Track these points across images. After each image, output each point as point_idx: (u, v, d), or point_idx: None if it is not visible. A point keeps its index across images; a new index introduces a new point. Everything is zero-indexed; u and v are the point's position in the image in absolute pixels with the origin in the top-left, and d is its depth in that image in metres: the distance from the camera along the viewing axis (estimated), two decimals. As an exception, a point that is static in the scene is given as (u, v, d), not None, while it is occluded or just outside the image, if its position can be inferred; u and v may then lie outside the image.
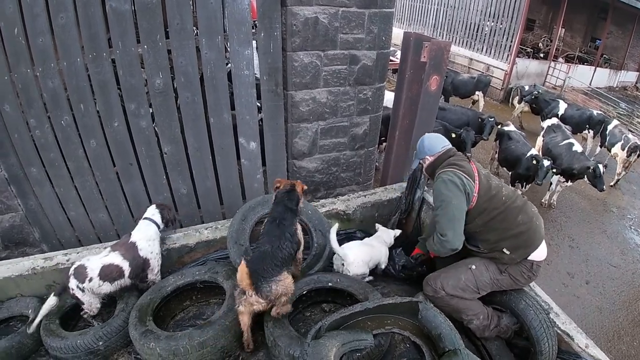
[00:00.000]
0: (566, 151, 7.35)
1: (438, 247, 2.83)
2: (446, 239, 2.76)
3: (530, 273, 2.87)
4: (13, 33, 3.17)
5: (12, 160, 3.62)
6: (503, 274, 2.87)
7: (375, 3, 3.72)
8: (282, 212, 2.87)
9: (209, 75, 3.58)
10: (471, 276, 2.88)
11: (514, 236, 2.78)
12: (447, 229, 2.76)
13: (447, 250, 2.79)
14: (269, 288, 2.57)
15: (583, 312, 5.43)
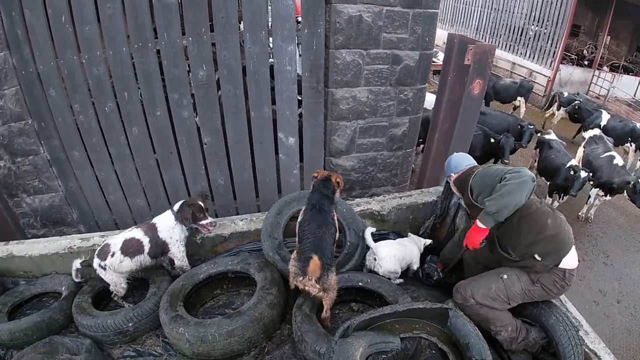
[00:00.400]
0: (607, 164, 7.11)
1: (514, 180, 2.62)
2: (522, 169, 2.68)
3: (563, 282, 2.78)
4: (60, 20, 3.28)
5: (55, 142, 3.75)
6: (535, 285, 2.79)
7: (419, 3, 3.68)
8: (320, 199, 3.00)
9: (252, 70, 3.61)
10: (502, 286, 2.81)
11: (545, 240, 2.71)
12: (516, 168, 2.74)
13: (525, 180, 2.61)
14: (327, 277, 2.72)
15: (612, 332, 5.25)
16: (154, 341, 3.05)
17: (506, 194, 2.61)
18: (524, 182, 2.60)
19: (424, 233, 3.98)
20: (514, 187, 2.61)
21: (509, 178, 2.64)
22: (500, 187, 2.64)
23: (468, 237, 2.86)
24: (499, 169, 2.86)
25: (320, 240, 2.78)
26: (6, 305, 3.24)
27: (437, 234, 3.95)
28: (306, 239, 2.82)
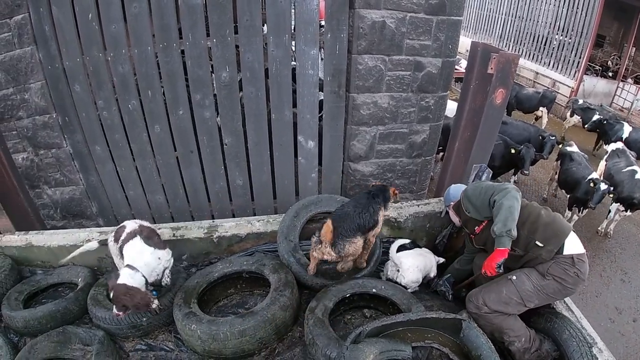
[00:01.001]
0: (628, 178, 6.97)
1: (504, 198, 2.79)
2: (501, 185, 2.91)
3: (575, 269, 2.74)
4: (87, 18, 3.34)
5: (78, 137, 3.82)
6: (547, 278, 2.76)
7: (443, 10, 3.66)
8: (377, 193, 3.28)
9: (274, 73, 3.63)
10: (513, 287, 2.80)
11: (542, 226, 2.80)
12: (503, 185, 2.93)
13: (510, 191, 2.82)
14: (343, 246, 3.01)
15: (626, 351, 5.14)
16: (166, 336, 3.11)
17: (506, 209, 2.72)
18: (513, 195, 2.79)
19: (440, 242, 3.97)
20: (509, 202, 2.75)
21: (499, 198, 2.81)
22: (498, 209, 2.77)
23: (487, 265, 2.82)
24: (486, 185, 3.08)
25: (346, 214, 3.07)
26: (22, 294, 3.34)
27: (454, 244, 3.93)
28: (336, 211, 3.18)
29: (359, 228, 3.06)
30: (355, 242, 3.06)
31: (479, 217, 3.04)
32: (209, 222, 3.79)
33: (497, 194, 2.84)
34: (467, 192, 3.13)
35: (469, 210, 3.06)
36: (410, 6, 3.56)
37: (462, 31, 9.92)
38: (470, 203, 3.05)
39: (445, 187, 4.37)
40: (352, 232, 3.03)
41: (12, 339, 3.13)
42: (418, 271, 3.41)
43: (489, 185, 3.06)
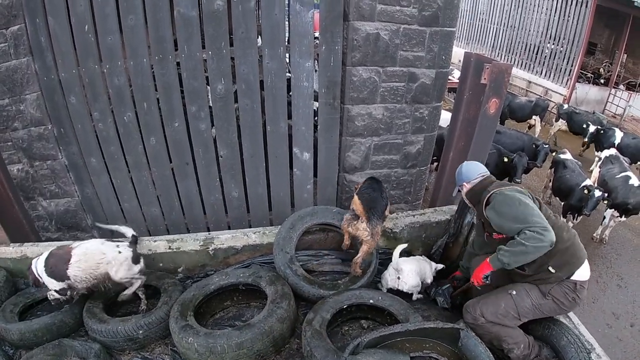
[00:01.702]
0: (622, 184, 7.02)
1: (532, 242, 2.51)
2: (546, 229, 2.52)
3: (574, 295, 2.77)
4: (83, 29, 3.35)
5: (74, 149, 3.82)
6: (546, 298, 2.77)
7: (436, 21, 3.70)
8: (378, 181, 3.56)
9: (269, 85, 3.65)
10: (511, 302, 2.80)
11: (561, 252, 2.71)
12: (541, 220, 2.57)
13: (545, 245, 2.52)
14: (375, 223, 3.30)
15: (624, 356, 5.15)
16: (162, 349, 3.09)
17: (522, 254, 2.58)
18: (543, 248, 2.54)
19: (436, 252, 3.98)
20: (532, 250, 2.55)
21: (529, 237, 2.53)
22: (519, 244, 2.56)
23: (475, 273, 2.89)
24: (519, 211, 2.65)
25: (372, 197, 3.36)
26: (17, 306, 3.31)
27: (450, 253, 3.94)
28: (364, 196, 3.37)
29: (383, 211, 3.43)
30: (380, 224, 3.37)
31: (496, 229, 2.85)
32: (205, 235, 3.78)
33: (531, 230, 2.54)
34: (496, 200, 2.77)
35: (491, 218, 2.81)
36: (404, 18, 3.60)
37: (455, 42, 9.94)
38: (495, 214, 2.77)
39: (440, 198, 4.40)
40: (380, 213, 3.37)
41: (7, 351, 3.10)
42: (416, 275, 3.48)
43: (523, 209, 2.65)
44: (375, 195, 3.38)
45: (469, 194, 3.10)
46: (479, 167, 3.15)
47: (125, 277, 3.15)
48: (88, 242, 3.17)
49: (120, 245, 3.20)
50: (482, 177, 3.07)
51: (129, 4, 3.27)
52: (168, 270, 3.64)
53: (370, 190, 3.41)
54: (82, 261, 3.03)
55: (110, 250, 3.12)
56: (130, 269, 3.16)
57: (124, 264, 3.12)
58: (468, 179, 3.10)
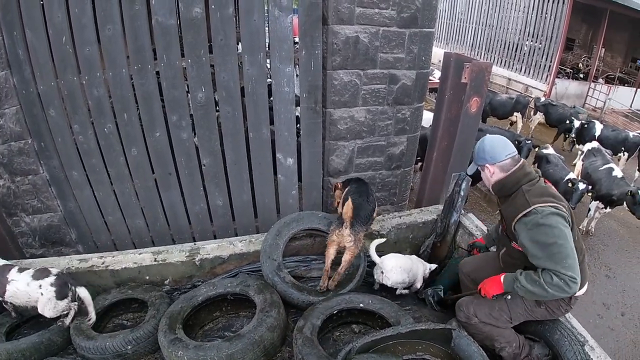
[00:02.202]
0: (606, 176, 7.13)
1: (555, 290, 2.31)
2: (574, 281, 2.27)
3: (568, 306, 2.74)
4: (61, 41, 3.30)
5: (55, 162, 3.75)
6: (541, 307, 2.73)
7: (415, 23, 3.71)
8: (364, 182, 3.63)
9: (250, 91, 3.63)
10: (505, 306, 2.77)
11: None
12: (574, 267, 2.30)
13: (565, 294, 2.34)
14: (358, 230, 3.27)
15: (617, 345, 5.23)
16: (153, 364, 3.04)
17: (539, 296, 2.43)
18: (564, 292, 2.32)
19: (424, 252, 3.98)
20: (551, 297, 2.39)
21: (555, 285, 2.30)
22: (540, 287, 2.34)
23: (486, 287, 2.72)
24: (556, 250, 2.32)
25: (360, 204, 3.35)
26: (4, 326, 3.23)
27: (438, 253, 3.96)
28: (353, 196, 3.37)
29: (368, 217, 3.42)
30: (363, 232, 3.37)
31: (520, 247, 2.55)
32: (191, 245, 3.74)
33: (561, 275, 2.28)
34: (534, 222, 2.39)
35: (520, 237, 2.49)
36: (383, 20, 3.60)
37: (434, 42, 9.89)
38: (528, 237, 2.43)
39: (425, 198, 4.41)
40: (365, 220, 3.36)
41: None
42: (402, 271, 3.47)
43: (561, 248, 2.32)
44: (361, 200, 3.38)
45: (497, 185, 2.67)
46: (507, 145, 2.64)
47: (54, 315, 3.08)
48: (18, 281, 3.05)
49: (42, 285, 3.04)
50: (512, 159, 2.61)
51: (106, 13, 3.23)
52: (154, 283, 3.59)
53: (357, 196, 3.40)
54: (14, 297, 3.07)
55: (33, 291, 3.03)
56: (55, 306, 3.06)
57: (47, 304, 3.03)
58: (494, 160, 2.61)
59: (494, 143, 2.64)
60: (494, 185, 2.69)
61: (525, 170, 2.60)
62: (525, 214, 2.43)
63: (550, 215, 2.36)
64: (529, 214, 2.41)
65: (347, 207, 3.30)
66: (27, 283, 3.03)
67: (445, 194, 3.98)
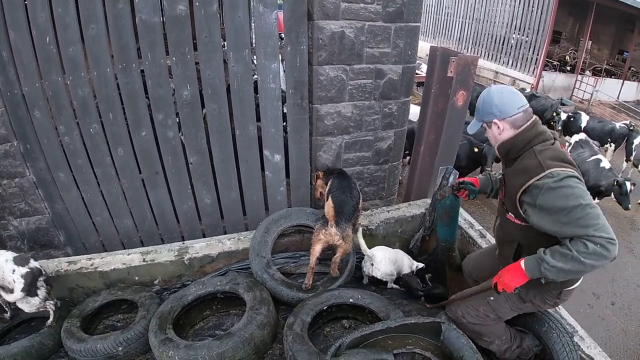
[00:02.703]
0: (594, 167, 7.21)
1: (593, 259, 1.95)
2: (614, 242, 1.94)
3: (556, 299, 2.53)
4: (45, 41, 3.26)
5: (41, 164, 3.71)
6: (526, 302, 2.61)
7: (401, 17, 3.71)
8: (345, 175, 3.59)
9: (236, 88, 3.61)
10: (489, 307, 2.70)
11: None
12: (610, 230, 1.97)
13: (605, 261, 1.97)
14: (344, 227, 3.26)
15: (608, 334, 5.29)
16: (145, 365, 3.03)
17: (578, 270, 2.02)
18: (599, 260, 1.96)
19: (414, 245, 4.00)
20: (590, 269, 2.01)
21: (591, 253, 1.94)
22: (575, 261, 1.97)
23: (505, 281, 2.28)
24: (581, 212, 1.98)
25: (343, 201, 3.33)
26: (-5, 330, 3.21)
27: (426, 247, 3.96)
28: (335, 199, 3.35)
29: (353, 211, 3.39)
30: (350, 227, 3.34)
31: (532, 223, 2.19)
32: (179, 244, 3.73)
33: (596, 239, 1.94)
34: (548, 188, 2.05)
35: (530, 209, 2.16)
36: (368, 15, 3.60)
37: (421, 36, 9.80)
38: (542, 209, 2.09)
39: (413, 192, 4.42)
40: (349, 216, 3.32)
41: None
42: (390, 262, 3.53)
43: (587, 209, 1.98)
44: (343, 197, 3.38)
45: (506, 146, 2.32)
46: (518, 97, 2.29)
47: (32, 310, 3.10)
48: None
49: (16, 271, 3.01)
50: (525, 112, 2.26)
51: (89, 13, 3.19)
52: (144, 283, 3.57)
53: (339, 193, 3.41)
54: None
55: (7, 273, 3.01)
56: (30, 303, 3.07)
57: (22, 302, 3.05)
58: (504, 114, 2.27)
59: (503, 94, 2.28)
60: (501, 146, 2.35)
61: (539, 128, 2.25)
62: (539, 178, 2.08)
63: (568, 178, 2.04)
64: (543, 178, 2.07)
65: (328, 206, 3.31)
66: (6, 260, 3.03)
67: (433, 188, 3.99)
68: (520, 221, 2.31)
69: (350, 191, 3.43)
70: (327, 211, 3.30)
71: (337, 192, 3.39)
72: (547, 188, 2.05)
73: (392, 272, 3.52)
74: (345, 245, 3.31)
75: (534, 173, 2.11)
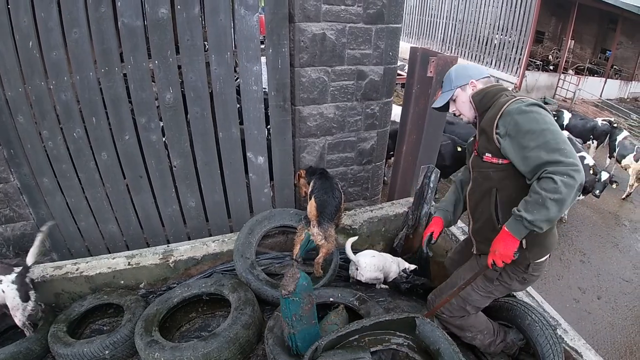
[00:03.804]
0: (577, 164, 7.30)
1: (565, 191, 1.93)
2: (578, 168, 1.94)
3: (524, 274, 2.48)
4: (28, 46, 3.24)
5: (25, 170, 3.69)
6: (494, 283, 2.57)
7: (382, 19, 3.76)
8: (327, 176, 3.61)
9: (218, 91, 3.63)
10: (460, 299, 2.73)
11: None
12: (575, 156, 1.98)
13: (576, 185, 1.94)
14: (327, 227, 3.32)
15: (595, 327, 5.36)
16: (132, 368, 3.03)
17: (560, 203, 1.96)
18: (577, 191, 1.98)
19: (398, 244, 4.04)
20: (567, 203, 1.98)
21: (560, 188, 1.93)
22: (548, 197, 1.95)
23: (498, 252, 2.23)
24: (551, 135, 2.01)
25: (325, 202, 3.40)
26: (-20, 338, 3.19)
27: (410, 245, 4.01)
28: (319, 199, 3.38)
29: (336, 211, 3.46)
30: (332, 227, 3.41)
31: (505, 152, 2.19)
32: (164, 247, 3.73)
33: (559, 173, 1.94)
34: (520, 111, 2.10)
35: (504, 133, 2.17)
36: (349, 17, 3.64)
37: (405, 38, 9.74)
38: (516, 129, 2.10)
39: (397, 191, 4.47)
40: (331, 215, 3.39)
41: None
42: (375, 269, 3.53)
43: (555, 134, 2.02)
44: (326, 197, 3.43)
45: (478, 95, 2.39)
46: (483, 68, 2.55)
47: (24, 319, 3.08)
48: None
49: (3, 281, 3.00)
50: (495, 84, 2.45)
51: (72, 17, 3.19)
52: (130, 287, 3.57)
53: (321, 193, 3.46)
54: None
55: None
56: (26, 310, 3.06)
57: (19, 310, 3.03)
58: (478, 75, 2.47)
59: (472, 64, 2.59)
60: (475, 95, 2.40)
61: (502, 87, 2.42)
62: (510, 104, 2.16)
63: (536, 105, 2.12)
64: (514, 103, 2.15)
65: (311, 206, 3.37)
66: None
67: (416, 187, 4.04)
68: (497, 159, 2.28)
69: (332, 191, 3.46)
70: (310, 211, 3.34)
71: (319, 193, 3.42)
72: (518, 111, 2.10)
73: (376, 277, 3.55)
74: (328, 245, 3.34)
75: (505, 103, 2.18)
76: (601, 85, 16.37)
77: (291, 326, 2.52)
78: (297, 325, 2.53)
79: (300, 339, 2.57)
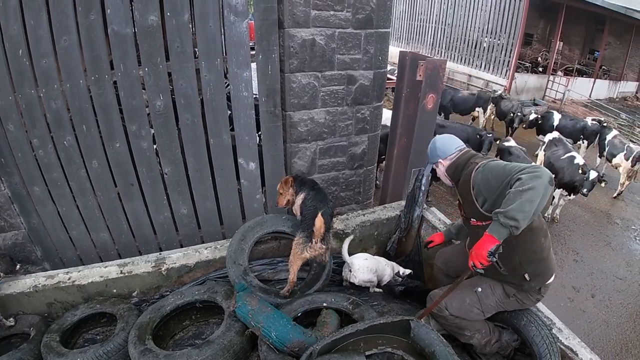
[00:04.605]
0: (568, 164, 7.36)
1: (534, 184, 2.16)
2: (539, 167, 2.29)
3: (538, 295, 2.78)
4: (17, 54, 3.23)
5: (16, 179, 3.66)
6: (510, 298, 2.77)
7: (371, 24, 3.78)
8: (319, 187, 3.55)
9: (209, 97, 3.62)
10: (476, 299, 2.79)
11: (538, 261, 2.61)
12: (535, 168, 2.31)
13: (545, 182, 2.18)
14: (328, 239, 3.36)
15: (589, 326, 5.39)
16: (125, 377, 3.02)
17: (527, 201, 2.15)
18: (547, 186, 2.19)
19: (391, 248, 4.05)
20: (536, 193, 2.16)
21: (526, 181, 2.19)
22: (519, 193, 2.17)
23: (474, 252, 2.38)
24: (508, 167, 2.41)
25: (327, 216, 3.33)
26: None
27: (403, 248, 4.02)
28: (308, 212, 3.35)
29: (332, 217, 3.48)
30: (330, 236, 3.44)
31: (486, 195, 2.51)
32: (156, 255, 3.70)
33: (524, 173, 2.25)
34: (478, 179, 2.51)
35: (479, 200, 2.54)
36: (339, 22, 3.66)
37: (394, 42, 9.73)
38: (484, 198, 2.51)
39: (389, 195, 4.48)
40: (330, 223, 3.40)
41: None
42: (368, 271, 3.55)
43: (509, 167, 2.42)
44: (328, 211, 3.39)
45: (451, 169, 2.80)
46: (456, 141, 2.88)
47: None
48: None
49: None
50: (461, 151, 2.83)
51: (62, 24, 3.18)
52: (122, 295, 3.55)
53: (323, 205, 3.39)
54: None
55: None
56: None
57: None
58: (445, 154, 2.83)
59: (443, 140, 2.88)
60: (448, 169, 2.83)
61: (472, 152, 2.83)
62: (475, 172, 2.55)
63: (489, 162, 2.58)
64: (480, 167, 2.56)
65: (319, 222, 3.27)
66: None
67: (408, 190, 4.05)
68: (481, 222, 2.59)
69: (327, 203, 3.44)
70: (318, 227, 3.27)
71: (321, 206, 3.36)
72: (485, 167, 2.52)
73: (369, 280, 3.55)
74: (327, 256, 3.41)
75: (471, 172, 2.58)
76: (590, 85, 16.52)
77: (257, 322, 2.78)
78: (259, 317, 2.80)
79: (272, 329, 2.75)
